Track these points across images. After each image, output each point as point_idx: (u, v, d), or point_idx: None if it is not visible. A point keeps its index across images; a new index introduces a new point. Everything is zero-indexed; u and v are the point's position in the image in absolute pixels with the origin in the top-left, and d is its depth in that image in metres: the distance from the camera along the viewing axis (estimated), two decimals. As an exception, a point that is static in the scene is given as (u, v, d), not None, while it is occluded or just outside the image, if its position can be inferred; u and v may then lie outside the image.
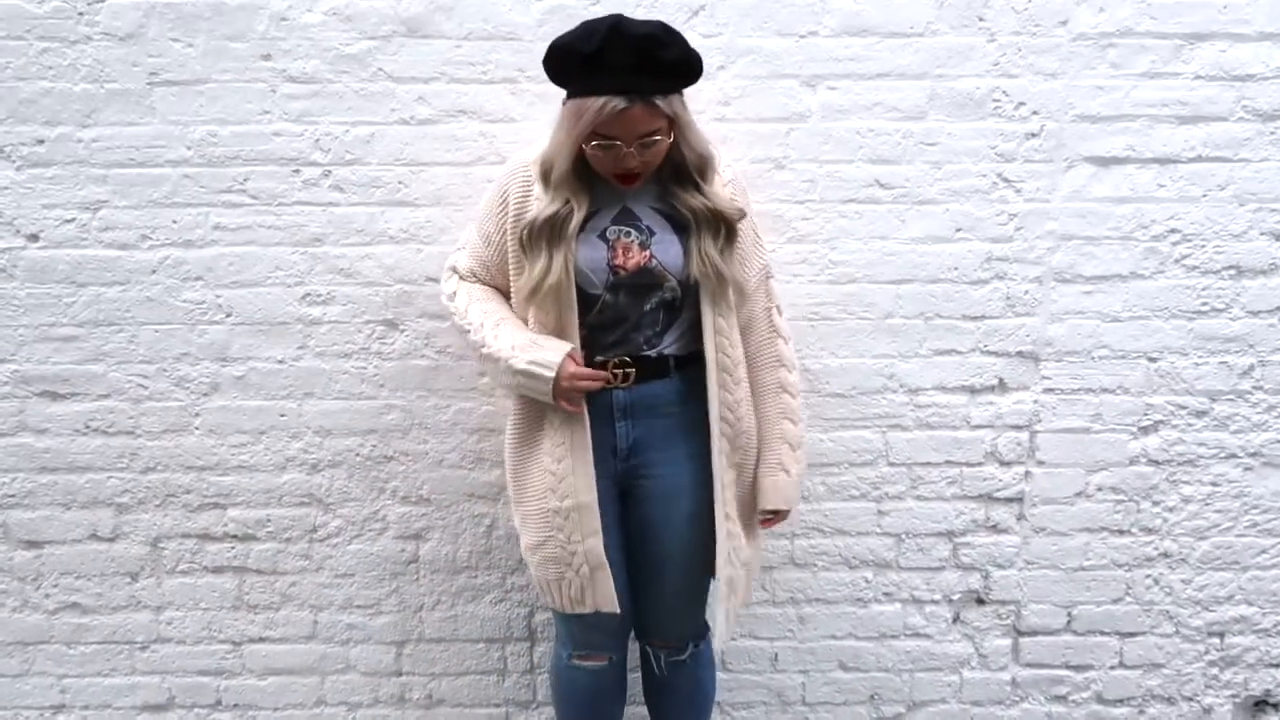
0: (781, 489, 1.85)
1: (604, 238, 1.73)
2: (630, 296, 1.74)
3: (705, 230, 1.71)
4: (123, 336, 2.19)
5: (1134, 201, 2.15)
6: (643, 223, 1.74)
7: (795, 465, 1.85)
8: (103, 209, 2.14)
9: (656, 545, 1.86)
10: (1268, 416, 2.24)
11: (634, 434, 1.80)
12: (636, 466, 1.83)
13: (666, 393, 1.80)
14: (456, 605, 2.33)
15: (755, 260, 1.83)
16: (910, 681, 2.38)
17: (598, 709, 2.01)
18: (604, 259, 1.72)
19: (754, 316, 1.84)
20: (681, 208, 1.72)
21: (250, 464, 2.25)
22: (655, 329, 1.77)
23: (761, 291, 1.84)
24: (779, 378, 1.85)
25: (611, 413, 1.79)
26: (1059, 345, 2.21)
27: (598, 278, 1.72)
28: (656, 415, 1.80)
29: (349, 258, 2.17)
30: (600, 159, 1.65)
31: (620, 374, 1.76)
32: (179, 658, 2.34)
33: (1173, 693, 2.38)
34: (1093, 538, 2.30)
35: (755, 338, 1.85)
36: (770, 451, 1.85)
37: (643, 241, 1.73)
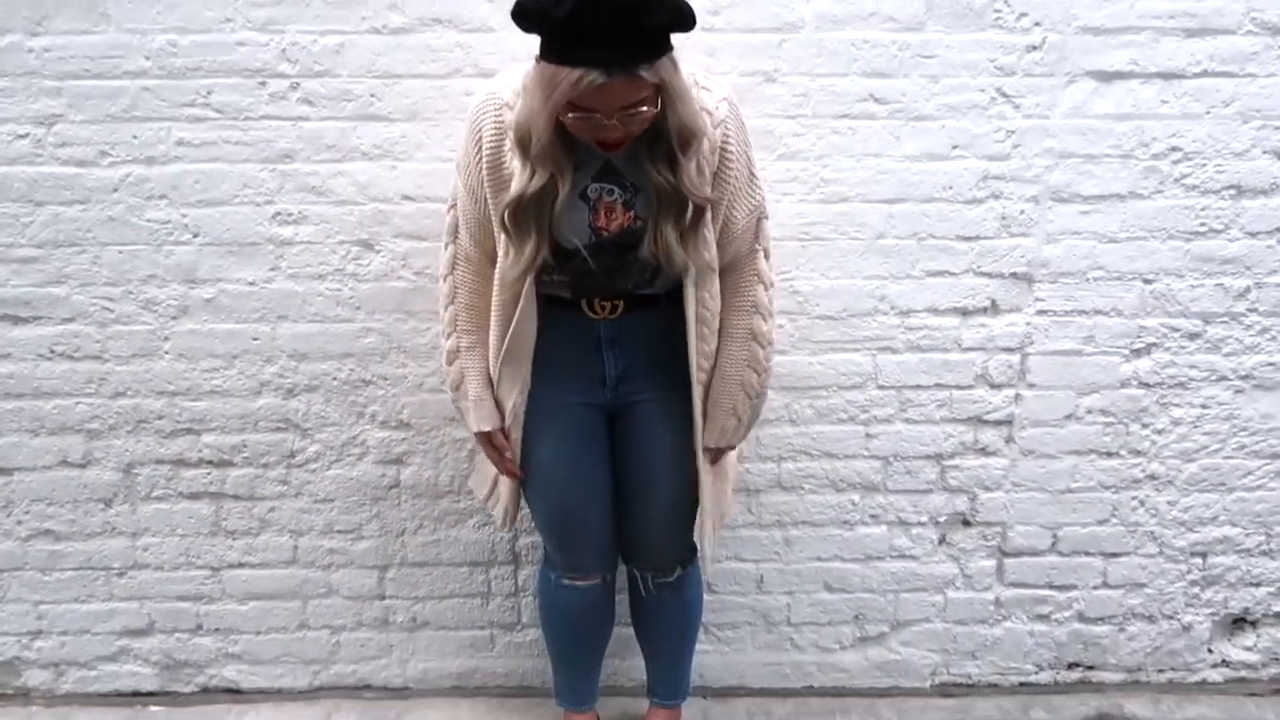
0: (729, 432, 1.93)
1: (585, 197, 1.70)
2: (613, 255, 1.75)
3: (668, 210, 1.65)
4: (85, 258, 2.23)
5: (1135, 118, 2.20)
6: (626, 179, 1.69)
7: (748, 415, 1.92)
8: (58, 124, 2.14)
9: (645, 467, 1.96)
10: (1260, 339, 2.34)
11: (622, 363, 1.89)
12: (625, 394, 1.92)
13: (656, 322, 1.85)
14: (439, 530, 2.44)
15: (747, 200, 1.80)
16: (895, 602, 2.52)
17: (587, 629, 2.15)
18: (585, 221, 1.70)
19: (738, 258, 1.84)
20: (647, 180, 1.64)
21: (224, 389, 2.32)
22: (644, 276, 1.80)
23: (750, 233, 1.82)
24: (752, 325, 1.86)
25: (599, 343, 1.87)
26: (1054, 266, 2.29)
27: (578, 237, 1.71)
28: (643, 345, 1.87)
29: (320, 175, 2.20)
30: (579, 128, 1.55)
31: (608, 305, 1.82)
32: (157, 583, 2.45)
33: (1153, 611, 2.54)
34: (1081, 460, 2.42)
35: (735, 280, 1.85)
36: (728, 396, 1.89)
37: (626, 200, 1.70)
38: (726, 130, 1.70)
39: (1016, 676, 2.58)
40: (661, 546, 2.07)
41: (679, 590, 2.13)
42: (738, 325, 1.86)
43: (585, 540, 2.01)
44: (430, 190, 2.20)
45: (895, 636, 2.55)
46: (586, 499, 1.97)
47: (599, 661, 2.26)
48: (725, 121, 1.70)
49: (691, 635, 2.24)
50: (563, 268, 1.77)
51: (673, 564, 2.09)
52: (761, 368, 1.89)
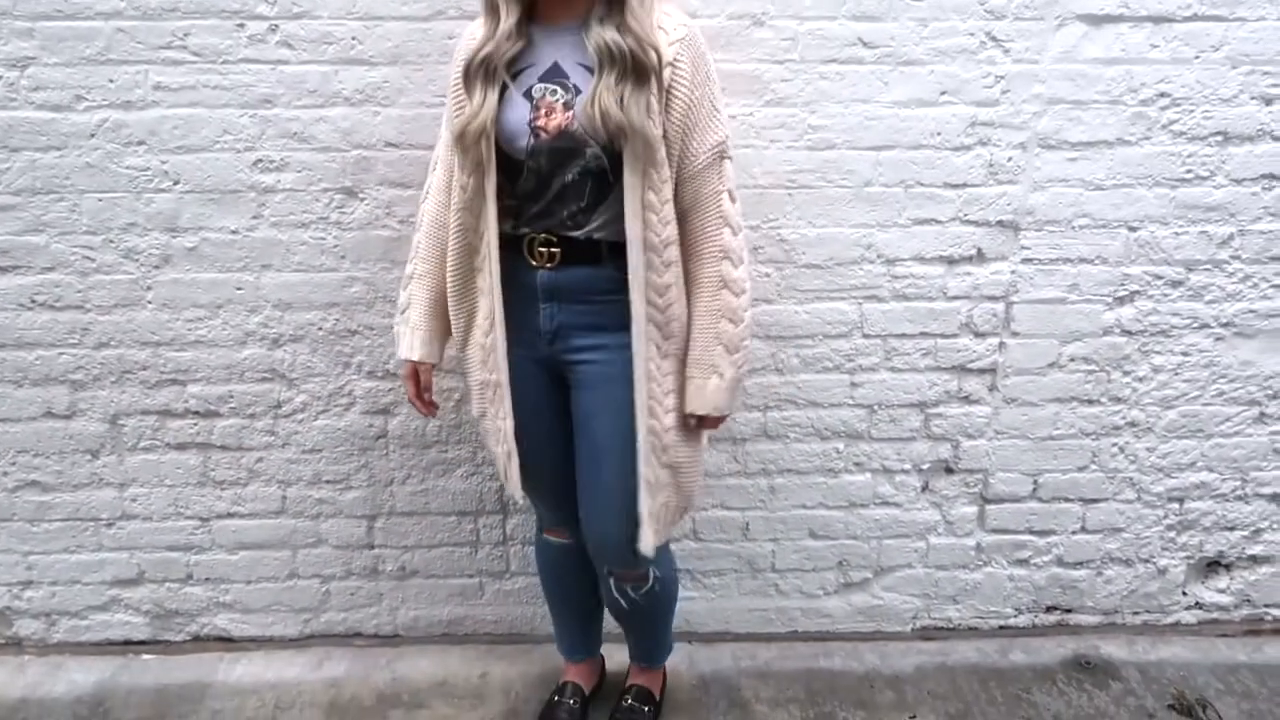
0: (710, 394, 1.72)
1: (529, 96, 1.62)
2: (550, 162, 1.63)
3: (609, 70, 1.55)
4: (64, 205, 2.12)
5: (1124, 63, 2.11)
6: (570, 80, 1.61)
7: (731, 369, 1.72)
8: (31, 66, 2.03)
9: (589, 437, 1.78)
10: (1243, 286, 2.29)
11: (559, 318, 1.74)
12: (563, 352, 1.76)
13: (597, 280, 1.70)
14: (427, 479, 2.37)
15: (709, 135, 1.65)
16: (878, 548, 2.48)
17: (569, 582, 2.08)
18: (526, 119, 1.61)
19: (700, 199, 1.68)
20: (590, 47, 1.57)
21: (209, 339, 2.23)
22: (580, 204, 1.66)
23: (713, 172, 1.67)
24: (721, 271, 1.69)
25: (536, 294, 1.73)
26: (1040, 214, 2.21)
27: (519, 140, 1.62)
28: (583, 301, 1.72)
29: (302, 121, 2.09)
30: None
31: (545, 253, 1.70)
32: (146, 534, 2.37)
33: (1130, 555, 2.50)
34: (1062, 408, 2.37)
35: (698, 222, 1.69)
36: (704, 351, 1.72)
37: (567, 101, 1.60)
38: (683, 50, 1.62)
39: (996, 620, 2.55)
40: (615, 544, 1.81)
41: (657, 594, 1.95)
42: (706, 274, 1.70)
43: (548, 498, 1.91)
44: (414, 136, 2.10)
45: (878, 582, 2.51)
46: (539, 456, 1.83)
47: (589, 614, 2.15)
48: (686, 40, 1.63)
49: (669, 618, 2.12)
50: (512, 190, 1.68)
51: (642, 568, 1.87)
52: (738, 317, 1.71)
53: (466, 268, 1.77)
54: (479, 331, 1.79)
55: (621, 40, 1.54)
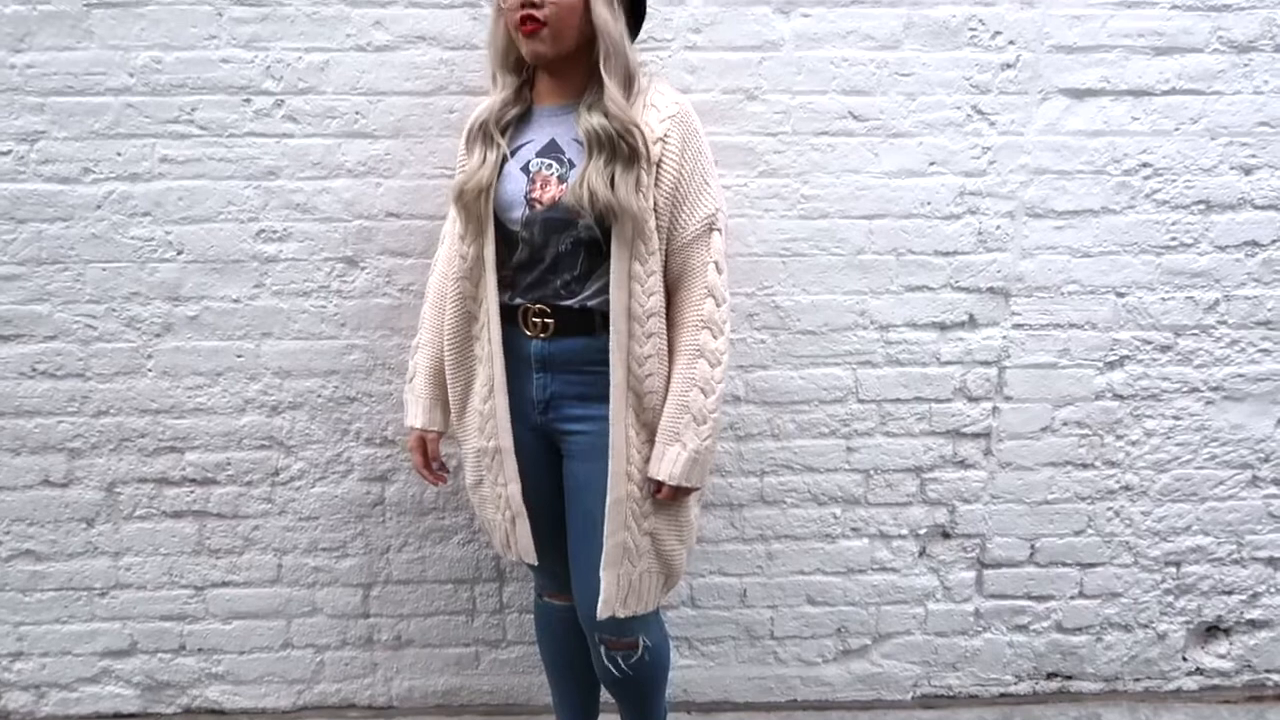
0: (669, 461, 1.68)
1: (526, 170, 1.68)
2: (545, 233, 1.66)
3: (598, 153, 1.60)
4: (68, 275, 2.12)
5: (1107, 135, 2.15)
6: (565, 155, 1.67)
7: (694, 440, 1.68)
8: (41, 140, 2.05)
9: (579, 507, 1.77)
10: (1230, 351, 2.29)
11: (551, 387, 1.74)
12: (555, 421, 1.76)
13: (589, 350, 1.70)
14: (424, 547, 2.33)
15: (699, 208, 1.68)
16: (876, 614, 2.44)
17: (570, 645, 2.01)
18: (522, 190, 1.67)
19: (688, 269, 1.69)
20: (582, 129, 1.62)
21: (208, 406, 2.21)
22: (573, 273, 1.68)
23: (702, 243, 1.69)
24: (699, 341, 1.68)
25: (530, 363, 1.74)
26: (1029, 281, 2.23)
27: (516, 211, 1.67)
28: (576, 371, 1.72)
29: (305, 192, 2.11)
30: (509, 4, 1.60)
31: (539, 323, 1.71)
32: (140, 603, 2.32)
33: (1129, 620, 2.46)
34: (1057, 472, 2.35)
35: (684, 294, 1.69)
36: (671, 419, 1.69)
37: (561, 175, 1.66)
38: (674, 127, 1.66)
39: (996, 687, 2.50)
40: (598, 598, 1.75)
41: (648, 665, 1.88)
42: (685, 342, 1.69)
43: (550, 563, 1.87)
44: (415, 207, 2.12)
45: (877, 649, 2.46)
46: (540, 522, 1.81)
47: (591, 683, 2.06)
48: (677, 117, 1.67)
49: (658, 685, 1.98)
50: (508, 260, 1.71)
51: (632, 635, 1.81)
52: (710, 388, 1.67)
53: (464, 335, 1.79)
54: (477, 399, 1.79)
55: (609, 125, 1.59)
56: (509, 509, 1.80)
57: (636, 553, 1.74)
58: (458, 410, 1.84)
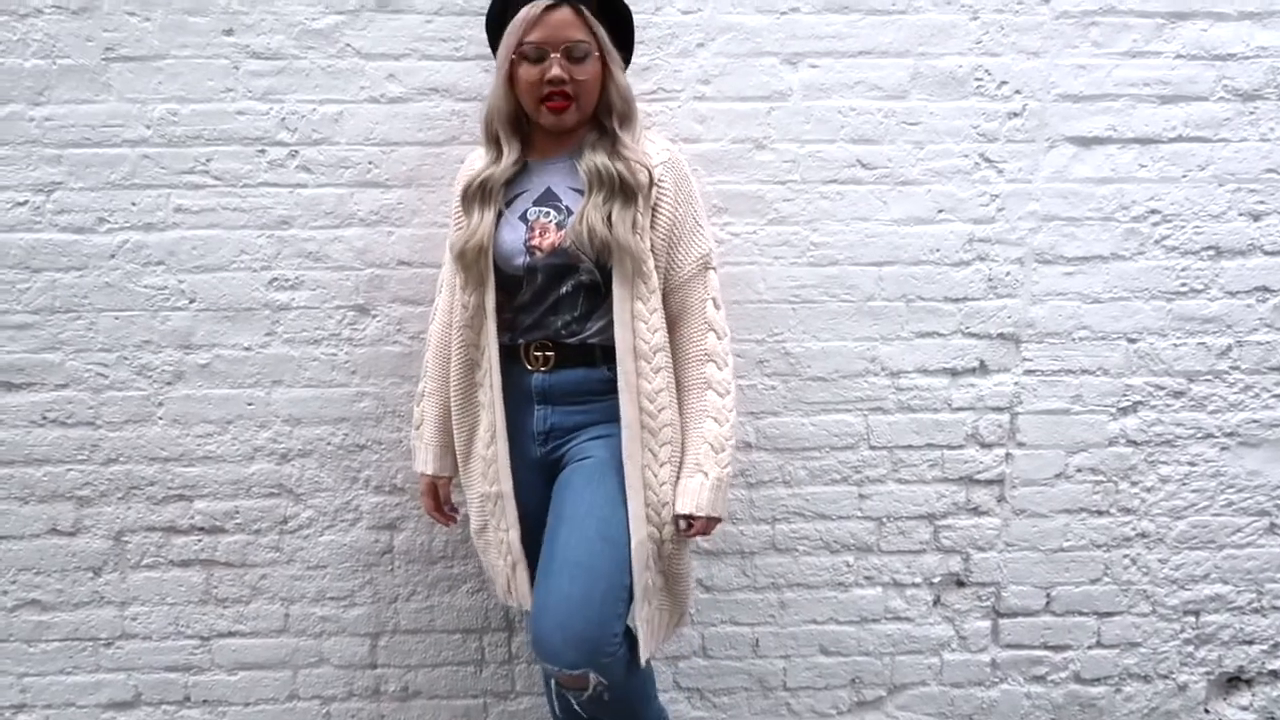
0: (693, 492, 1.73)
1: (524, 219, 1.75)
2: (547, 278, 1.74)
3: (598, 191, 1.70)
4: (81, 324, 2.17)
5: (1115, 182, 2.20)
6: (563, 203, 1.75)
7: (716, 468, 1.74)
8: (57, 191, 2.11)
9: (552, 539, 1.71)
10: (1244, 396, 2.32)
11: (551, 419, 1.80)
12: (553, 453, 1.81)
13: (589, 381, 1.78)
14: (432, 596, 2.35)
15: (693, 248, 1.79)
16: (891, 664, 2.44)
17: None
18: (522, 239, 1.74)
19: (687, 307, 1.79)
20: (582, 171, 1.72)
21: (217, 454, 2.25)
22: (574, 314, 1.76)
23: (698, 282, 1.79)
24: (705, 374, 1.77)
25: (531, 396, 1.79)
26: (1040, 327, 2.27)
27: (516, 259, 1.74)
28: (576, 403, 1.79)
29: (318, 241, 2.17)
30: (529, 75, 1.69)
31: (540, 357, 1.78)
32: (145, 654, 2.34)
33: (1149, 671, 2.47)
34: (1072, 519, 2.37)
35: (686, 330, 1.79)
36: (688, 452, 1.77)
37: (559, 222, 1.73)
38: (667, 171, 1.77)
39: (1015, 739, 2.50)
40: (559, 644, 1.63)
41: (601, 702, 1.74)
42: (692, 377, 1.79)
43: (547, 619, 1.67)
44: (426, 256, 2.17)
45: (892, 700, 2.47)
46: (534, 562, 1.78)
47: None
48: (670, 164, 1.79)
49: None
50: (508, 304, 1.78)
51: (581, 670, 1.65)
52: (723, 417, 1.76)
53: (468, 382, 1.85)
54: (480, 444, 1.85)
55: (611, 165, 1.70)
56: (509, 554, 1.84)
57: (652, 591, 1.77)
58: (463, 456, 1.90)
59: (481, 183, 1.75)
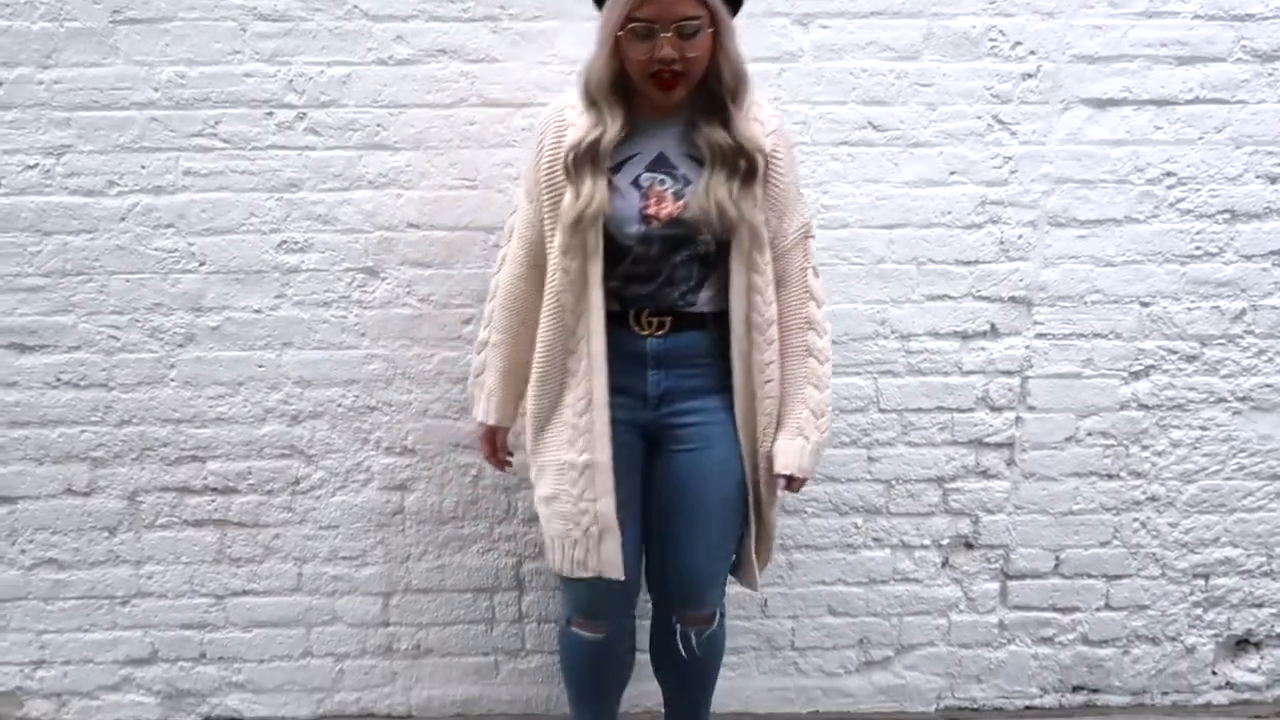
0: (794, 454, 1.83)
1: (638, 185, 1.73)
2: (662, 248, 1.74)
3: (720, 167, 1.70)
4: (92, 286, 2.22)
5: (1130, 144, 2.21)
6: (679, 170, 1.74)
7: (815, 433, 1.84)
8: (66, 154, 2.15)
9: (689, 497, 1.86)
10: (1258, 361, 2.34)
11: (665, 383, 1.83)
12: (667, 416, 1.84)
13: (701, 344, 1.82)
14: (443, 556, 2.41)
15: (795, 217, 1.82)
16: (899, 625, 2.50)
17: (598, 675, 2.06)
18: (637, 207, 1.72)
19: (788, 275, 1.82)
20: (701, 143, 1.71)
21: (229, 416, 2.31)
22: (689, 284, 1.78)
23: (798, 251, 1.83)
24: (807, 341, 1.84)
25: (645, 361, 1.81)
26: (1052, 290, 2.29)
27: (630, 227, 1.72)
28: (689, 366, 1.82)
29: (327, 203, 2.20)
30: (637, 52, 1.63)
31: (655, 322, 1.79)
32: (161, 611, 2.42)
33: (1157, 633, 2.52)
34: (1082, 482, 2.41)
35: (786, 298, 1.83)
36: (790, 416, 1.85)
37: (677, 190, 1.73)
38: (777, 141, 1.77)
39: (1021, 700, 2.56)
40: (704, 588, 1.93)
41: (716, 639, 2.03)
42: (794, 344, 1.85)
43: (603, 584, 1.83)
44: (435, 218, 2.20)
45: (900, 660, 2.53)
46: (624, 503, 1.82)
47: (617, 703, 2.14)
48: (779, 131, 1.79)
49: (716, 674, 2.14)
50: (613, 271, 1.76)
51: (713, 608, 1.97)
52: (822, 384, 1.85)
53: (559, 349, 1.80)
54: (569, 412, 1.81)
55: (731, 141, 1.70)
56: (595, 524, 1.80)
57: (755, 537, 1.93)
58: (541, 421, 1.86)
59: (590, 147, 1.70)
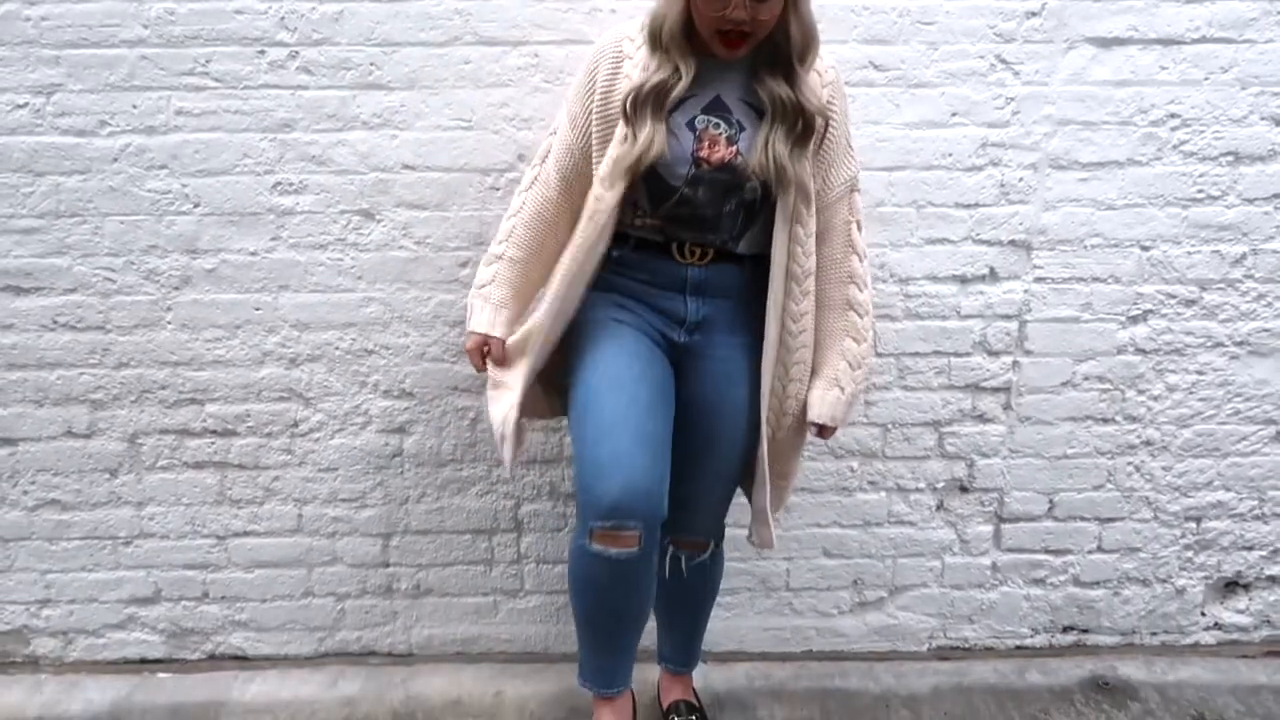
0: (830, 404, 1.89)
1: (692, 126, 1.72)
2: (710, 193, 1.74)
3: (780, 123, 1.70)
4: (86, 228, 2.21)
5: (1134, 85, 2.19)
6: (734, 115, 1.73)
7: (851, 384, 1.89)
8: (57, 93, 2.13)
9: (705, 427, 1.89)
10: (1257, 305, 2.35)
11: (704, 310, 1.85)
12: (700, 343, 1.87)
13: (740, 277, 1.85)
14: (442, 498, 2.44)
15: (843, 169, 1.82)
16: (892, 567, 2.54)
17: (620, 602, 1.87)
18: (689, 149, 1.71)
19: (832, 227, 1.84)
20: (764, 94, 1.70)
21: (227, 359, 2.31)
22: (732, 231, 1.80)
23: (844, 204, 1.84)
24: (848, 294, 1.87)
25: (684, 287, 1.83)
26: (1052, 234, 2.28)
27: (680, 168, 1.72)
28: (726, 298, 1.85)
29: (320, 144, 2.18)
30: (709, 8, 1.60)
31: (698, 251, 1.81)
32: (163, 552, 2.45)
33: (1148, 575, 2.55)
34: (1077, 426, 2.43)
35: (830, 250, 1.85)
36: (828, 366, 1.89)
37: (730, 135, 1.72)
38: (833, 93, 1.77)
39: (1012, 640, 2.60)
40: (705, 517, 2.01)
41: (710, 568, 2.10)
42: (835, 296, 1.87)
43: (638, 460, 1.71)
44: (431, 159, 2.19)
45: (893, 601, 2.57)
46: (654, 403, 1.79)
47: (638, 633, 1.99)
48: (835, 84, 1.79)
49: (710, 607, 2.22)
50: (655, 210, 1.77)
51: (707, 538, 2.04)
52: (861, 336, 1.88)
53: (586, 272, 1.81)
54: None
55: (795, 97, 1.68)
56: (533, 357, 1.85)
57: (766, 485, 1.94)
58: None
59: (655, 92, 1.67)
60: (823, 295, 1.86)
